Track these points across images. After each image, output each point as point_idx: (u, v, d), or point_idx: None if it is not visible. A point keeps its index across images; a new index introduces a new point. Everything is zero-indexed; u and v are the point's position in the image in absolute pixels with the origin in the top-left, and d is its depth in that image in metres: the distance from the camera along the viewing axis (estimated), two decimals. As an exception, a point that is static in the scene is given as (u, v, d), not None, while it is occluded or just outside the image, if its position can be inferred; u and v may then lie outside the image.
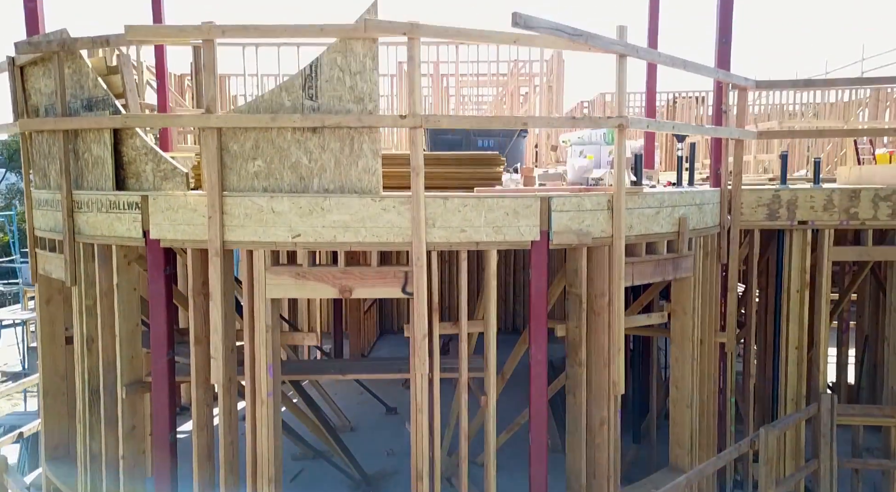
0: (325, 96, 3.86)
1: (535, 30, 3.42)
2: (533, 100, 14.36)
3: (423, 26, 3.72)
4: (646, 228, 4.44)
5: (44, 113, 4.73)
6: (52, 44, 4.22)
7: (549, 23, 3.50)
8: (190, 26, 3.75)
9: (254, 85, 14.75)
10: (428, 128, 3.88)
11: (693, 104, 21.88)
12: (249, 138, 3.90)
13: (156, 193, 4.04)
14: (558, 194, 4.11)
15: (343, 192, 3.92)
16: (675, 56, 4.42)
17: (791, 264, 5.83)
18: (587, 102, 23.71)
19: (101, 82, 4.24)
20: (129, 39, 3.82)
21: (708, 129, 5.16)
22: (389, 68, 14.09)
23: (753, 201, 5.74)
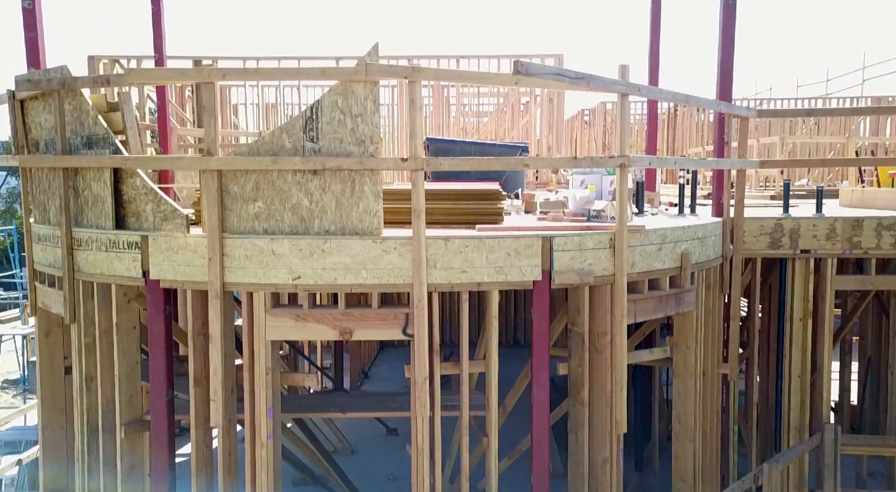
0: (326, 138, 3.84)
1: (537, 77, 3.41)
2: (533, 112, 14.36)
3: (423, 70, 3.70)
4: (648, 266, 4.42)
5: (44, 147, 4.71)
6: (52, 82, 4.20)
7: (550, 69, 3.49)
8: (190, 70, 3.75)
9: (255, 94, 14.77)
10: (428, 171, 3.85)
11: (694, 112, 21.88)
12: (250, 180, 3.88)
13: (156, 233, 4.02)
14: (560, 234, 4.09)
15: (344, 233, 3.90)
16: (676, 92, 4.41)
17: (794, 293, 5.80)
18: (588, 110, 23.72)
19: (101, 120, 4.22)
20: (130, 81, 3.80)
21: (710, 161, 5.14)
22: (390, 81, 14.13)
23: (756, 230, 5.72)
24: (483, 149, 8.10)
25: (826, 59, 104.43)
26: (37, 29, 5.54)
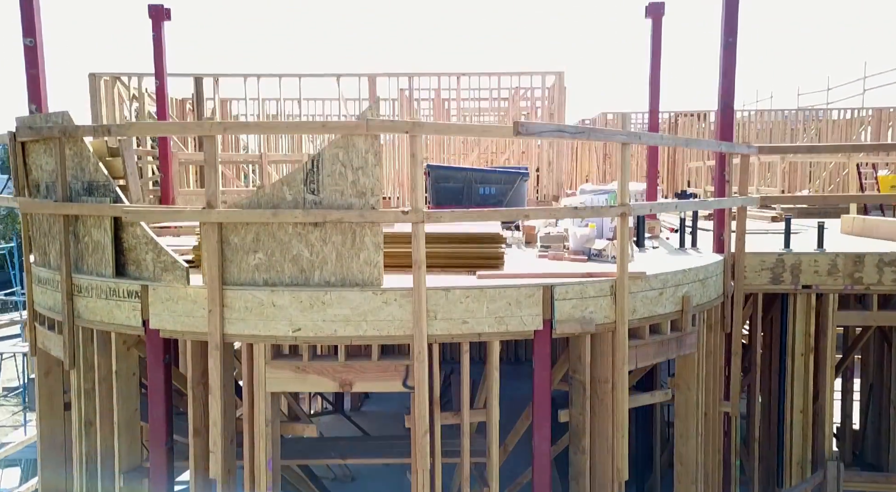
0: (326, 191, 3.83)
1: (537, 135, 3.40)
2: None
3: (424, 125, 3.70)
4: (649, 311, 4.40)
5: (44, 189, 4.71)
6: (53, 129, 4.20)
7: (550, 127, 3.48)
8: (192, 123, 3.75)
9: (255, 106, 14.78)
10: (428, 223, 3.84)
11: (695, 121, 21.88)
12: (250, 231, 3.87)
13: (156, 283, 4.01)
14: (561, 282, 4.07)
15: (344, 284, 3.89)
16: (676, 137, 4.41)
17: (795, 328, 5.79)
18: (588, 120, 23.71)
19: (102, 168, 4.22)
20: (132, 133, 3.79)
21: (711, 202, 5.13)
22: (391, 93, 14.12)
23: (757, 265, 5.70)
24: (484, 175, 8.09)
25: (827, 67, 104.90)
26: (38, 66, 5.54)
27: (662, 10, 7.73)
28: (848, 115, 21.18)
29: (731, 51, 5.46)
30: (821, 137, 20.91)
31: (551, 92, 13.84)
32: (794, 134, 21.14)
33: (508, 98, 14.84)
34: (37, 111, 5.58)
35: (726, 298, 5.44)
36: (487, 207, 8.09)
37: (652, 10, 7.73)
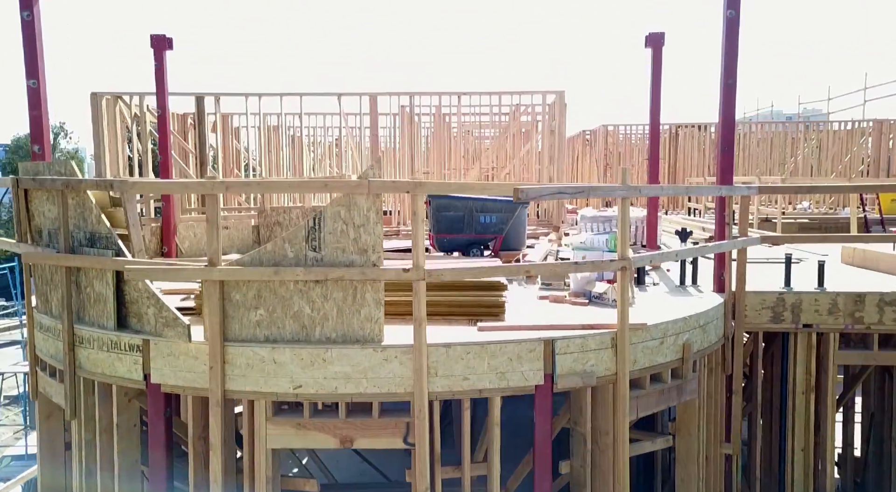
0: (328, 248, 3.84)
1: (538, 199, 3.41)
2: (534, 141, 14.35)
3: (426, 184, 3.72)
4: (650, 361, 4.41)
5: (47, 236, 4.72)
6: (56, 183, 4.22)
7: (550, 189, 3.50)
8: (194, 183, 3.78)
9: (257, 120, 14.82)
10: (429, 280, 3.84)
11: (695, 133, 21.89)
12: (252, 288, 3.88)
13: (157, 338, 4.02)
14: (562, 335, 4.08)
15: (345, 340, 3.89)
16: (677, 186, 4.41)
17: (796, 367, 5.79)
18: (589, 132, 23.71)
19: (104, 220, 4.23)
20: (136, 191, 3.81)
21: (711, 246, 5.14)
22: (392, 108, 14.14)
23: (757, 304, 5.71)
24: (485, 204, 8.09)
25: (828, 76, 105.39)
26: (41, 108, 5.56)
27: (662, 40, 7.75)
28: (849, 126, 21.25)
29: (731, 92, 5.47)
30: (821, 147, 20.94)
31: (552, 109, 13.86)
32: (795, 143, 21.18)
33: (510, 113, 14.87)
34: (40, 152, 5.59)
35: (727, 340, 5.44)
36: (488, 235, 8.11)
37: (652, 40, 7.76)
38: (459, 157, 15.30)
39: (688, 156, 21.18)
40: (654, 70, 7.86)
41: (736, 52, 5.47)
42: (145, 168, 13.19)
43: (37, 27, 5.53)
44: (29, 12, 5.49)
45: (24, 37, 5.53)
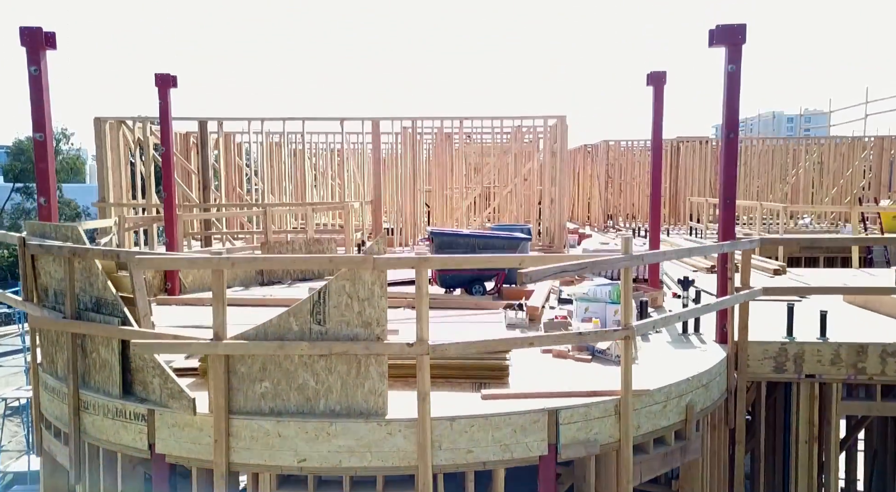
0: (332, 321, 3.86)
1: (541, 280, 3.42)
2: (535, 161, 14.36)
3: (430, 259, 3.73)
4: (653, 425, 4.42)
5: (53, 295, 4.75)
6: (63, 250, 4.24)
7: (552, 269, 3.52)
8: (201, 258, 3.77)
9: (259, 137, 14.89)
10: (433, 356, 3.86)
11: (697, 147, 21.90)
12: (257, 361, 3.90)
13: (162, 409, 4.04)
14: (566, 405, 4.09)
15: (349, 413, 3.91)
16: (679, 248, 4.42)
17: (799, 416, 5.79)
18: (590, 146, 23.74)
19: (110, 286, 4.25)
20: (141, 267, 3.83)
21: (714, 304, 5.14)
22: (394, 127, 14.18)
23: (760, 354, 5.71)
24: (487, 241, 8.11)
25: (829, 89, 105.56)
26: (46, 160, 5.59)
27: (664, 79, 7.78)
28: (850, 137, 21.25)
29: (732, 146, 5.49)
30: (822, 160, 20.93)
31: (553, 131, 13.89)
32: (796, 155, 21.16)
33: (511, 133, 14.90)
34: (46, 203, 5.63)
35: (730, 393, 5.45)
36: (490, 272, 8.13)
37: (653, 79, 7.79)
38: (461, 175, 15.34)
39: (689, 169, 21.20)
40: (656, 106, 7.90)
41: (737, 106, 5.49)
42: (148, 192, 13.26)
43: (44, 82, 5.57)
44: (36, 67, 5.53)
45: (32, 91, 5.57)
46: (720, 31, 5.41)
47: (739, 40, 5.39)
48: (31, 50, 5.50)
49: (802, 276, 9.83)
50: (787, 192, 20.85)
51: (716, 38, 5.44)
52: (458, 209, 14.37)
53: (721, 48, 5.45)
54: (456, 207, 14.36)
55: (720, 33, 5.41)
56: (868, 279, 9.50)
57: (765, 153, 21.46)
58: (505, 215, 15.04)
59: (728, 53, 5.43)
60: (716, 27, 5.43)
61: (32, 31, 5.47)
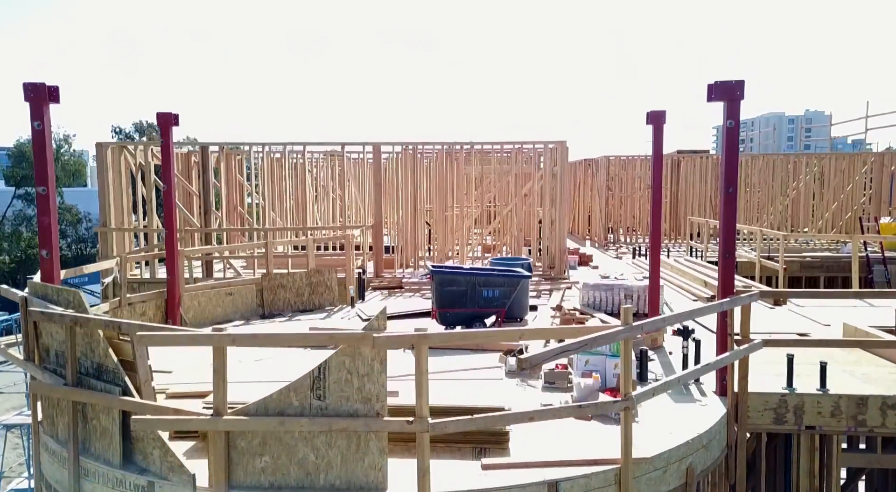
0: (332, 396, 3.87)
1: (541, 364, 3.44)
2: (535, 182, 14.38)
3: (429, 336, 3.74)
4: (653, 491, 4.42)
5: (54, 357, 4.76)
6: (65, 318, 4.26)
7: (553, 351, 3.54)
8: (203, 335, 3.79)
9: (261, 159, 14.94)
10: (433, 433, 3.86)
11: (697, 161, 21.93)
12: (257, 435, 3.91)
13: (162, 481, 4.04)
14: (566, 476, 4.10)
15: (350, 488, 3.92)
16: (681, 313, 4.43)
17: (799, 468, 5.79)
18: (591, 160, 23.76)
19: (111, 354, 4.26)
20: (144, 344, 3.85)
21: (713, 363, 5.14)
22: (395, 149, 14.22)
23: (760, 405, 5.72)
24: (487, 278, 8.13)
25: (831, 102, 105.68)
26: (49, 214, 5.61)
27: (663, 118, 7.81)
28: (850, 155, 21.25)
29: (731, 201, 5.50)
30: (823, 173, 20.92)
31: (553, 154, 13.92)
32: (796, 168, 21.17)
33: (511, 153, 14.91)
34: (48, 256, 5.65)
35: (730, 448, 5.45)
36: (491, 308, 8.14)
37: (653, 118, 7.82)
38: (462, 194, 15.37)
39: (690, 183, 21.21)
40: (655, 143, 7.93)
41: (736, 160, 5.51)
42: (150, 216, 13.30)
43: (47, 137, 5.60)
44: (39, 122, 5.55)
45: (35, 145, 5.60)
46: (718, 88, 5.44)
47: (738, 96, 5.41)
48: (34, 105, 5.53)
49: (803, 307, 9.83)
50: (788, 204, 20.83)
51: (714, 94, 5.47)
52: (459, 230, 14.38)
53: (719, 103, 5.47)
54: (456, 227, 14.38)
55: (718, 89, 5.44)
56: (868, 312, 9.50)
57: (765, 168, 21.46)
58: (506, 234, 15.04)
59: (727, 109, 5.45)
60: (714, 83, 5.45)
61: (36, 87, 5.49)
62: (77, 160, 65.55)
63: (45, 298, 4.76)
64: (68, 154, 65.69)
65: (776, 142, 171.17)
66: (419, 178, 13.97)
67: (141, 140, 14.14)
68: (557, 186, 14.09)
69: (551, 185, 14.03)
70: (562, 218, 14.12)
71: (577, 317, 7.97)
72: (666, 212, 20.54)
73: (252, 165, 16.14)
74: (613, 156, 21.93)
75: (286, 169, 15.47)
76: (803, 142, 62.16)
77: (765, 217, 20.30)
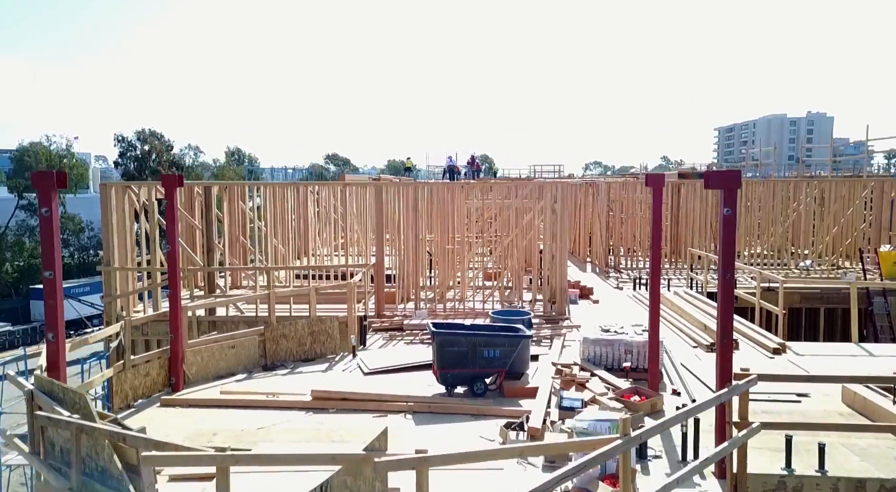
0: (334, 514, 3.94)
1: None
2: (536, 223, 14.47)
3: (430, 458, 3.81)
4: None
5: (59, 451, 4.83)
6: (71, 424, 4.33)
7: (557, 478, 3.58)
8: (206, 455, 3.85)
9: (266, 198, 15.07)
10: None
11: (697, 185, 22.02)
12: (260, 551, 3.98)
13: None
14: None
15: None
16: (678, 414, 4.48)
17: (798, 549, 5.83)
18: (592, 184, 23.86)
19: (116, 461, 4.33)
20: (150, 463, 3.92)
21: (710, 457, 5.20)
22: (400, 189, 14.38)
23: (759, 487, 5.76)
24: (488, 339, 8.18)
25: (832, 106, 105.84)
26: (56, 297, 5.69)
27: (662, 181, 7.90)
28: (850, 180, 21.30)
29: (729, 286, 5.57)
30: (823, 196, 20.96)
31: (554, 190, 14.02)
32: (797, 190, 21.23)
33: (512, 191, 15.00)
34: (54, 339, 5.72)
35: (728, 536, 5.50)
36: (492, 369, 8.19)
37: (652, 181, 7.92)
38: (463, 226, 15.45)
39: (690, 207, 21.27)
40: (655, 205, 8.02)
41: (733, 246, 5.57)
42: (153, 256, 13.38)
43: (55, 222, 5.68)
44: (48, 208, 5.64)
45: (43, 230, 5.69)
46: (715, 177, 5.52)
47: (734, 185, 5.48)
48: (42, 192, 5.62)
49: (802, 356, 9.86)
50: (789, 226, 20.85)
51: (711, 182, 5.55)
52: (461, 262, 14.46)
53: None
54: (458, 259, 14.45)
55: (716, 178, 5.52)
56: (867, 363, 9.54)
57: (766, 192, 21.52)
58: (508, 259, 15.08)
59: (724, 197, 5.52)
60: (712, 173, 5.54)
61: (44, 175, 5.59)
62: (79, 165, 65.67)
63: (52, 396, 4.83)
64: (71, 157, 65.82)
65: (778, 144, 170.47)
66: (420, 210, 14.04)
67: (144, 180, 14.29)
68: (558, 221, 14.17)
69: (552, 219, 14.11)
70: (562, 253, 14.18)
71: (577, 379, 8.02)
72: (666, 235, 20.60)
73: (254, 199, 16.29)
74: (614, 179, 22.03)
75: (288, 200, 15.57)
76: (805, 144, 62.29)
77: (765, 237, 20.36)
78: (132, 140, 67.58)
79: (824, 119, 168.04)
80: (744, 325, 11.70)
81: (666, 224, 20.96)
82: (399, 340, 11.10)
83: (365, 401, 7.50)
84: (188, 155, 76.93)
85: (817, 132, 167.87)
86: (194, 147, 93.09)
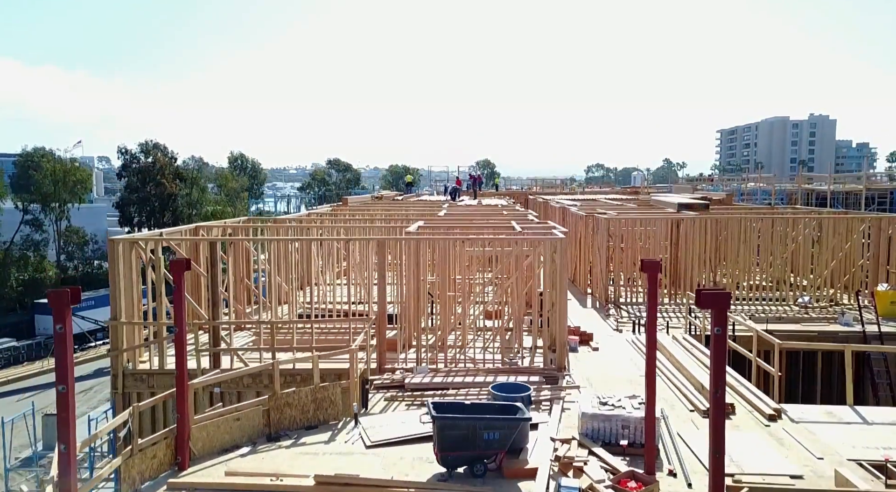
0: None
1: None
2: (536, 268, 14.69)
3: None
4: None
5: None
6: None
7: None
8: None
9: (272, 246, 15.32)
10: None
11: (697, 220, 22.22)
12: None
13: None
14: None
15: None
16: None
17: None
18: (592, 218, 24.07)
19: None
20: None
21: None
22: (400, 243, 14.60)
23: None
24: (488, 422, 8.37)
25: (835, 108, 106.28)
26: (68, 410, 5.91)
27: (658, 267, 8.11)
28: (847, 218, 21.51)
29: (720, 404, 5.77)
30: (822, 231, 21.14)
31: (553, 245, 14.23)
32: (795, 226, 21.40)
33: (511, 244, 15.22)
34: (65, 451, 5.94)
35: None
36: (492, 451, 8.38)
37: (647, 267, 8.12)
38: (463, 269, 15.66)
39: (690, 240, 21.45)
40: (650, 291, 8.22)
41: (723, 365, 5.79)
42: (160, 311, 13.60)
43: (68, 338, 5.91)
44: (62, 325, 5.87)
45: (57, 346, 5.91)
46: (706, 297, 5.74)
47: (725, 305, 5.70)
48: (57, 310, 5.84)
49: (797, 424, 10.00)
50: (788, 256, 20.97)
51: (702, 302, 5.76)
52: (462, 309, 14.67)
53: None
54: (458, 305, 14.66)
55: (706, 298, 5.74)
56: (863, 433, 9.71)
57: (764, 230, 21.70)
58: (509, 297, 15.24)
59: (714, 316, 5.73)
60: (704, 293, 5.74)
61: (59, 294, 5.82)
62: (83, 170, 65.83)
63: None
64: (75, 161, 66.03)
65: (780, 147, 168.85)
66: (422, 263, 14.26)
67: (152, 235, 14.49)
68: (557, 270, 14.37)
69: (551, 267, 14.31)
70: (562, 302, 14.37)
71: (575, 462, 8.21)
72: (666, 268, 20.77)
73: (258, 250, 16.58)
74: (614, 215, 22.27)
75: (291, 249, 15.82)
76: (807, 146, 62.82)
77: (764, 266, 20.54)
78: (135, 152, 67.63)
79: (826, 122, 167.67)
80: (739, 382, 11.85)
81: (665, 256, 21.19)
82: (400, 401, 11.29)
83: (368, 487, 7.70)
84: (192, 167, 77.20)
85: (819, 135, 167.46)
86: (197, 159, 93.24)
